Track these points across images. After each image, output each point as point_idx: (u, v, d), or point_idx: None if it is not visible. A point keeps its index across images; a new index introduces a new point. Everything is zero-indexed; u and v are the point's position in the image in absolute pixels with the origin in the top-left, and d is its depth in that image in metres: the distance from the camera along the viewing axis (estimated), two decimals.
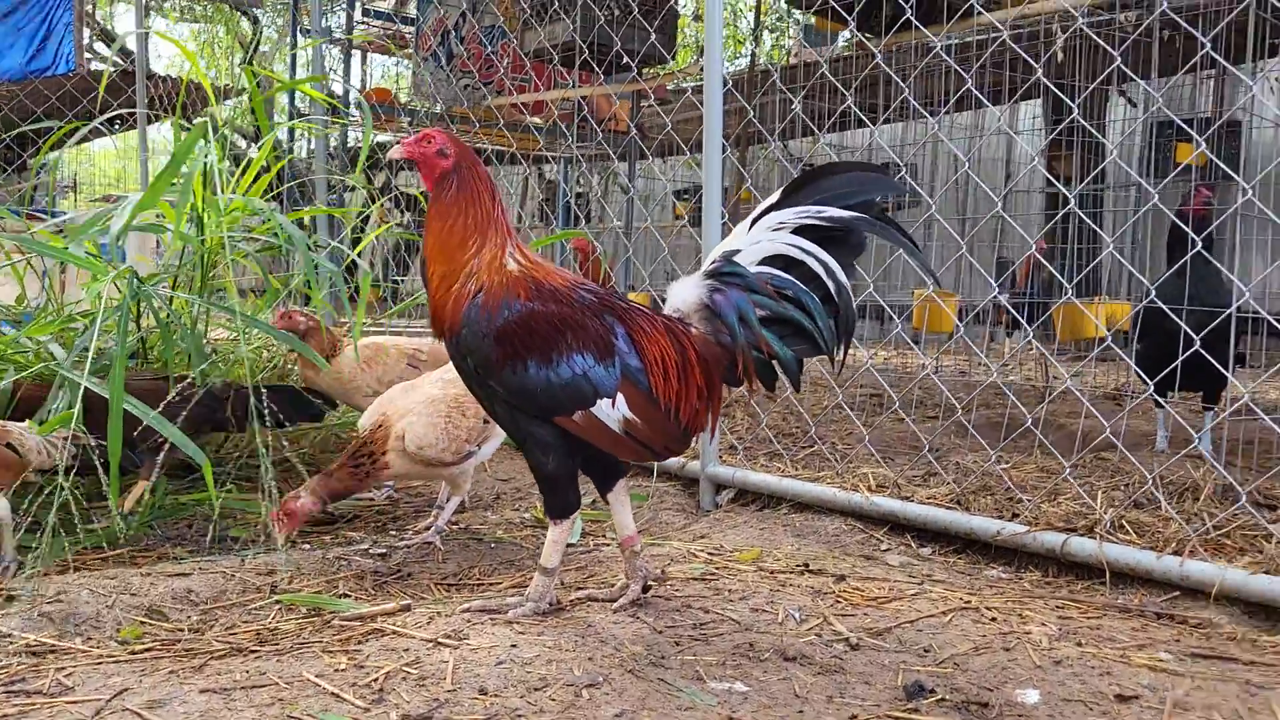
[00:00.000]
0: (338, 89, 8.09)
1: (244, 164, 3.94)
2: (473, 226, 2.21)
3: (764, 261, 2.34)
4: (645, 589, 2.48)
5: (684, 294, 2.38)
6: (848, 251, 2.35)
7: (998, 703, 1.92)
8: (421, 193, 8.23)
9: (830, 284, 2.32)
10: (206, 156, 3.54)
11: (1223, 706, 1.92)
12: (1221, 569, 2.55)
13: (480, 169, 2.29)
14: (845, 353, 2.39)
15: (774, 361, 2.34)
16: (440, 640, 2.17)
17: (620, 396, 2.24)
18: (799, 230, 2.33)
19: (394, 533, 3.22)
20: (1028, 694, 1.96)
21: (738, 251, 2.36)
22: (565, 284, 2.30)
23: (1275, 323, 3.02)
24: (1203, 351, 2.80)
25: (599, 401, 2.22)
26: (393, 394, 3.10)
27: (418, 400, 2.96)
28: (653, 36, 4.70)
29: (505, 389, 2.20)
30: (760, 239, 2.35)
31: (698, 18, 14.65)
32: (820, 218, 2.31)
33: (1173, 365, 3.08)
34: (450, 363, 3.37)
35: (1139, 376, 4.40)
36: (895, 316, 4.33)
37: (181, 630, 2.28)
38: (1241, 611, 2.51)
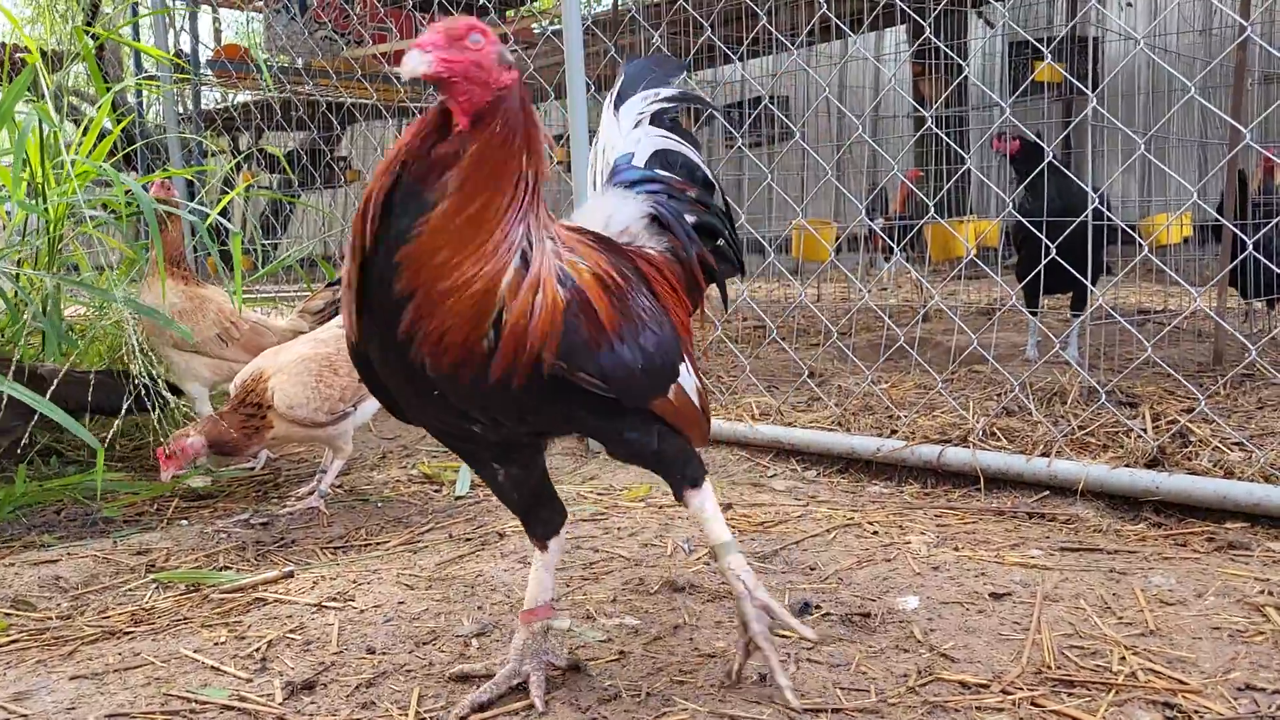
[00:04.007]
0: (187, 48, 7.69)
1: (82, 127, 3.72)
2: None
3: (650, 161, 1.92)
4: None
5: (620, 209, 1.81)
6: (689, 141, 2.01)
7: (879, 611, 1.97)
8: (288, 153, 7.95)
9: (707, 171, 1.98)
10: (41, 121, 3.34)
11: (1088, 594, 2.01)
12: (1085, 466, 2.66)
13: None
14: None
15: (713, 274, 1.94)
16: (325, 604, 2.12)
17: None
18: (658, 121, 1.97)
19: (275, 500, 3.13)
20: (907, 600, 2.02)
21: (631, 155, 1.92)
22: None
23: (1128, 229, 3.15)
24: (1059, 259, 2.90)
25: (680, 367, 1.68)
26: (265, 354, 3.02)
27: (288, 359, 2.88)
28: None
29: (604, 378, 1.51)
30: (639, 136, 1.94)
31: None
32: (661, 99, 1.98)
33: (1042, 265, 3.21)
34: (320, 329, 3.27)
35: (1023, 286, 4.56)
36: (777, 250, 4.38)
37: (50, 619, 2.18)
38: (1105, 505, 2.63)
